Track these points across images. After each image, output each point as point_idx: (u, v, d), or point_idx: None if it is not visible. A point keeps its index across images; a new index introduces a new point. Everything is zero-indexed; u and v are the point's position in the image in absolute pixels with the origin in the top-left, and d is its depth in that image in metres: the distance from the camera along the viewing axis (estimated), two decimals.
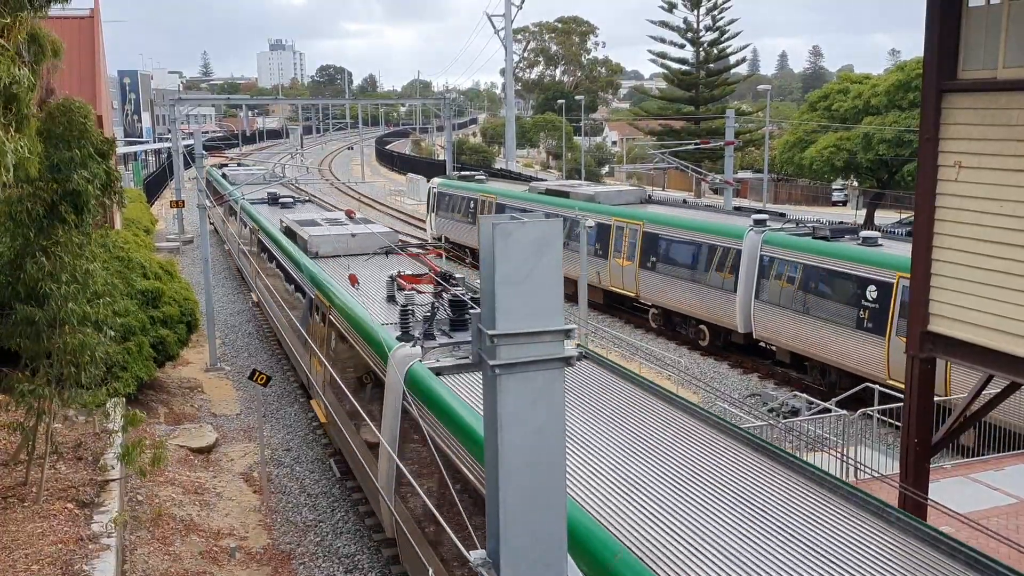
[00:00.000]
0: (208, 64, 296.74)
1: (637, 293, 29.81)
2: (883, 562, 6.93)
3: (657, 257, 28.66)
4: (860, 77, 55.68)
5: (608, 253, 31.07)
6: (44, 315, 12.74)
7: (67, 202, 12.71)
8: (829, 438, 15.17)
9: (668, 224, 28.51)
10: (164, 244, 45.82)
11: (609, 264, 31.00)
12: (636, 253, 29.61)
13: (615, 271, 30.72)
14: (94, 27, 34.92)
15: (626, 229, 30.26)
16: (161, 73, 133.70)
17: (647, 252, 29.13)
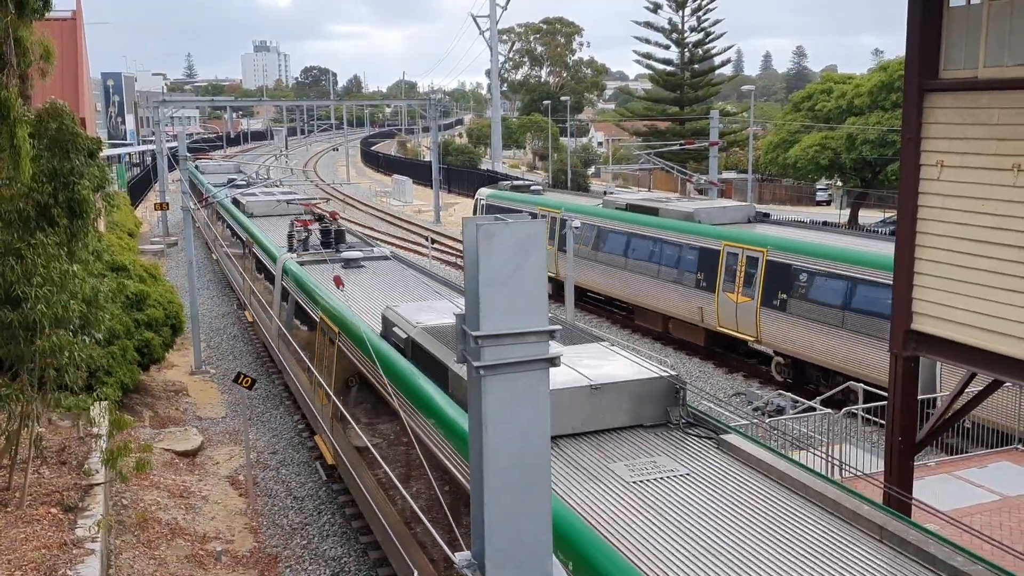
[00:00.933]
0: (192, 66, 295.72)
1: (758, 337, 23.92)
2: None
3: (789, 294, 22.56)
4: (843, 77, 56.03)
5: (715, 286, 25.01)
6: (18, 318, 12.62)
7: (61, 206, 12.64)
8: (814, 436, 15.23)
9: (806, 253, 22.41)
10: (148, 247, 45.59)
11: (717, 300, 24.98)
12: (757, 288, 23.55)
13: (726, 309, 24.67)
14: (76, 29, 34.72)
15: (742, 256, 24.15)
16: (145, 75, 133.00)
17: (773, 287, 23.06)
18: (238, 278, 31.19)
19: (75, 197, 12.63)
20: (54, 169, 12.64)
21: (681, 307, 26.70)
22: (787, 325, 22.42)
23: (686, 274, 26.17)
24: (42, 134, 12.69)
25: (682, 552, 7.38)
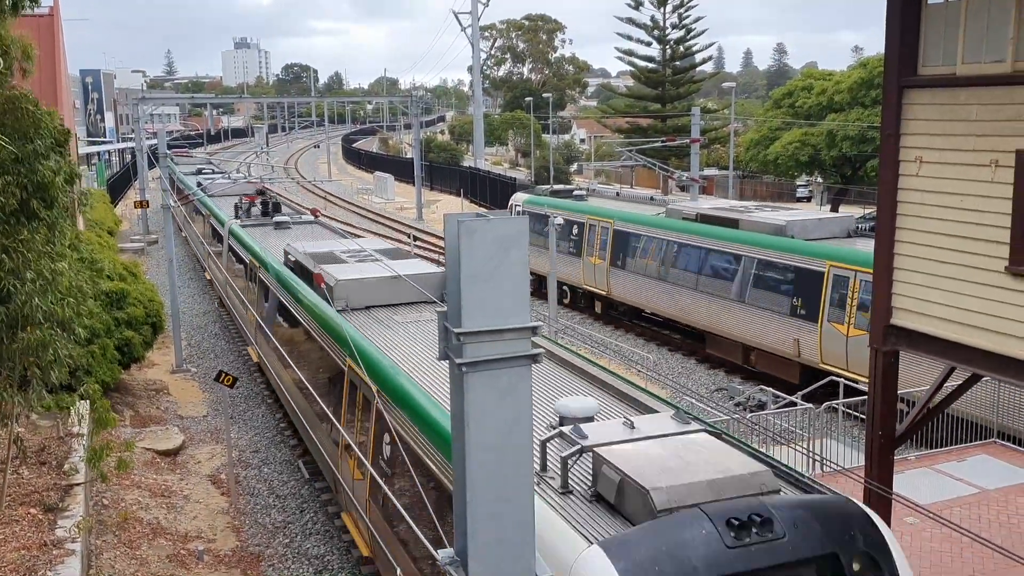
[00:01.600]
0: (172, 63, 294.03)
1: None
2: None
3: None
4: (824, 74, 56.34)
5: (818, 314, 20.86)
6: (5, 313, 12.49)
7: (38, 198, 12.49)
8: (795, 431, 15.32)
9: None
10: (128, 245, 45.27)
11: (820, 331, 20.82)
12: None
13: (832, 342, 20.49)
14: (54, 26, 34.42)
15: (854, 281, 19.92)
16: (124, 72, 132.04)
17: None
18: (199, 246, 37.92)
19: (41, 182, 12.45)
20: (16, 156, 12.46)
21: (770, 337, 22.48)
22: (919, 367, 15.16)
23: (777, 299, 22.19)
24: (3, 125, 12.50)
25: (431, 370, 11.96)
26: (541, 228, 31.36)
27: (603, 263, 30.03)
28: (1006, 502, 13.36)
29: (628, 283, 28.77)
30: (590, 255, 30.82)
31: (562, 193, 35.14)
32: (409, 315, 15.18)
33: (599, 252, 30.25)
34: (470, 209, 57.29)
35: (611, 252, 29.62)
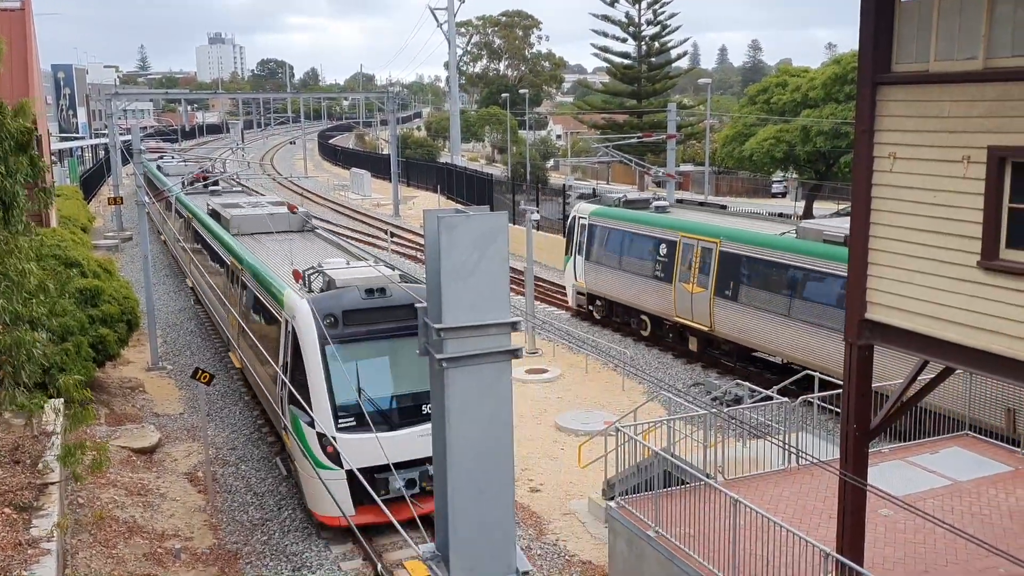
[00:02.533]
0: (146, 58, 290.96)
1: None
2: None
3: None
4: (798, 71, 56.68)
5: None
6: None
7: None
8: (771, 425, 15.45)
9: None
10: (102, 242, 44.82)
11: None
12: None
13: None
14: (25, 20, 33.99)
15: None
16: (97, 67, 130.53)
17: None
18: (157, 217, 44.01)
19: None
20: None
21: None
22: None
23: None
24: None
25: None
26: (615, 245, 27.91)
27: (705, 292, 24.58)
28: (978, 493, 13.54)
29: (742, 319, 23.50)
30: (685, 281, 25.36)
31: (638, 203, 29.76)
32: (273, 237, 24.67)
33: (698, 278, 24.86)
34: (447, 205, 57.18)
35: (716, 279, 24.18)
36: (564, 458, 18.92)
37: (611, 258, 28.32)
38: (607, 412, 21.33)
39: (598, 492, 16.30)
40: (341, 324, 15.66)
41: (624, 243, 27.84)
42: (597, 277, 29.13)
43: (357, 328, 15.75)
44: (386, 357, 15.85)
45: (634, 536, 12.82)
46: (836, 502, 10.51)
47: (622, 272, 27.79)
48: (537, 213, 29.04)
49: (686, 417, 15.21)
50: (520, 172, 73.54)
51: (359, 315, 15.81)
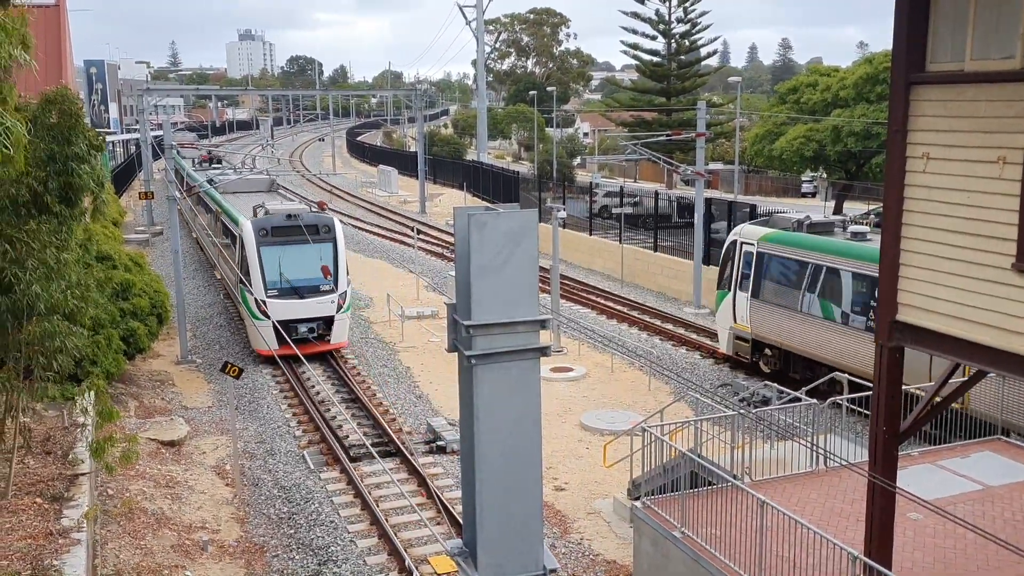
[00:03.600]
0: (176, 54, 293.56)
1: None
2: None
3: None
4: (829, 70, 56.20)
5: None
6: (8, 303, 12.54)
7: (52, 193, 12.53)
8: (799, 427, 15.34)
9: None
10: (133, 236, 45.31)
11: None
12: None
13: None
14: (60, 16, 34.42)
15: None
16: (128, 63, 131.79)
17: None
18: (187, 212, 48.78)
19: (72, 183, 12.51)
20: (52, 153, 12.50)
21: None
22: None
23: None
24: (41, 121, 12.56)
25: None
26: (798, 280, 22.35)
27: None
28: (1010, 499, 13.37)
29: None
30: None
31: (820, 227, 23.52)
32: (248, 194, 33.81)
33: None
34: (473, 203, 57.28)
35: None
36: (589, 457, 18.90)
37: (791, 297, 22.54)
38: (633, 412, 21.27)
39: (623, 492, 16.27)
40: (269, 235, 25.69)
41: (812, 279, 21.95)
42: (769, 320, 23.23)
43: (278, 237, 25.69)
44: (296, 255, 25.80)
45: (660, 536, 12.78)
46: (864, 505, 10.42)
47: (807, 316, 21.98)
48: (563, 211, 28.99)
49: (713, 418, 15.13)
50: (547, 170, 73.48)
51: (280, 230, 25.82)
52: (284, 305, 24.88)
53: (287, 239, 25.65)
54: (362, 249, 44.74)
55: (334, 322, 25.57)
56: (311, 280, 25.72)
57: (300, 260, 25.73)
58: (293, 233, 25.73)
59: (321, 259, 25.94)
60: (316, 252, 25.94)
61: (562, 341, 27.24)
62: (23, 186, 12.36)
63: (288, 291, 25.35)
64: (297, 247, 25.69)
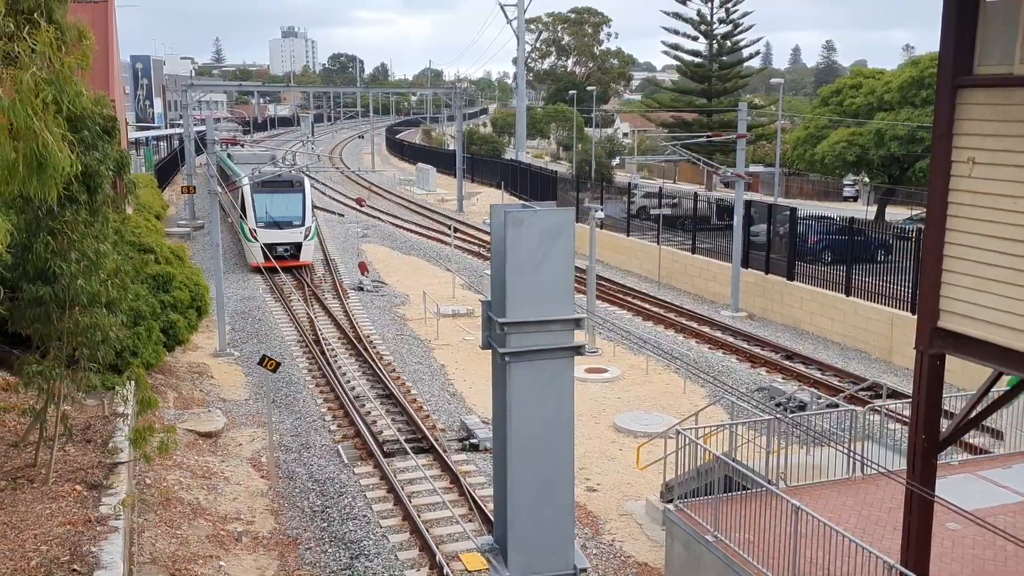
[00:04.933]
0: (220, 51, 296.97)
1: None
2: None
3: None
4: (873, 72, 55.40)
5: None
6: (52, 293, 12.78)
7: (79, 182, 12.72)
8: (836, 433, 15.16)
9: None
10: (175, 229, 45.94)
11: None
12: None
13: None
14: (108, 12, 34.98)
15: None
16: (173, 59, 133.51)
17: None
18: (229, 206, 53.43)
19: (85, 170, 12.67)
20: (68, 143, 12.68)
21: None
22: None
23: None
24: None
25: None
26: None
27: None
28: None
29: None
30: None
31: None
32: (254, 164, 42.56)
33: None
34: (510, 202, 57.27)
35: None
36: (622, 459, 18.83)
37: None
38: (667, 414, 21.16)
39: (656, 494, 16.18)
40: (260, 186, 37.20)
41: None
42: None
43: (266, 188, 37.40)
44: (277, 200, 37.39)
45: (692, 540, 12.70)
46: (902, 514, 10.28)
47: None
48: (601, 211, 28.89)
49: (749, 422, 15.00)
50: (585, 170, 73.31)
51: (267, 183, 37.47)
52: (268, 233, 36.33)
53: (272, 190, 37.59)
54: (399, 246, 44.95)
55: (302, 246, 37.24)
56: (286, 217, 37.34)
57: (280, 204, 37.49)
58: (276, 186, 37.73)
59: (293, 204, 37.81)
60: (290, 199, 37.87)
61: (597, 342, 27.16)
62: None
63: (271, 224, 36.90)
64: (278, 195, 37.60)
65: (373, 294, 34.26)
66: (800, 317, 29.96)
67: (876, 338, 26.83)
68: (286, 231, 36.94)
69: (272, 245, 33.93)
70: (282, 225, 36.96)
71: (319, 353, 25.68)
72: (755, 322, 30.89)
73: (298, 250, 36.91)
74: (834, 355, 26.67)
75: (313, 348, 26.32)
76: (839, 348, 27.57)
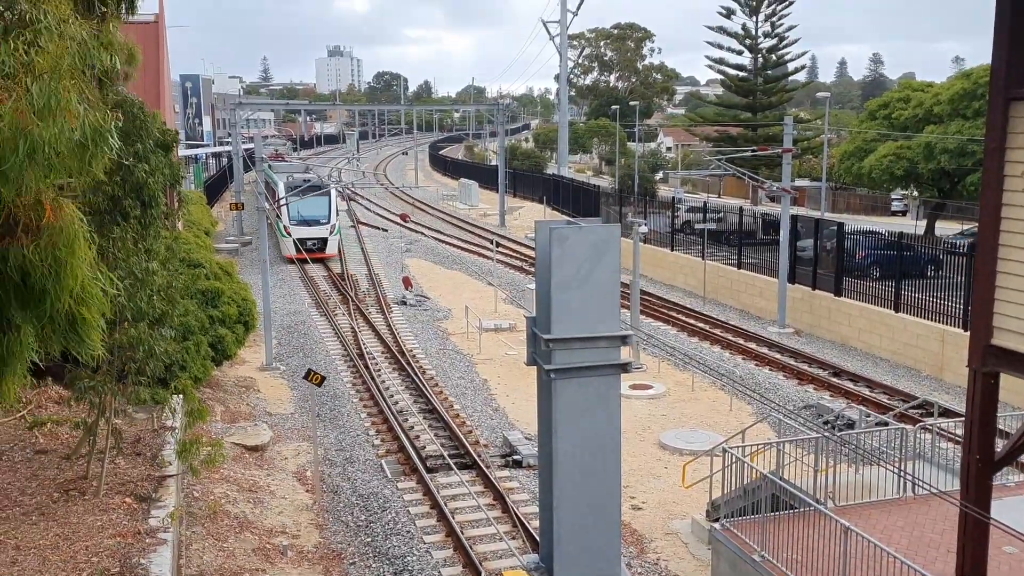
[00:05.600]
0: (268, 69, 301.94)
1: None
2: None
3: None
4: (922, 85, 54.57)
5: None
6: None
7: (131, 197, 12.93)
8: (886, 452, 14.87)
9: None
10: (223, 245, 46.63)
11: None
12: None
13: None
14: (159, 32, 35.73)
15: None
16: (222, 78, 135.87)
17: None
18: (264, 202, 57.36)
19: (138, 182, 12.86)
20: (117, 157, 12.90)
21: None
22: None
23: None
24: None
25: None
26: None
27: None
28: None
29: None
30: None
31: None
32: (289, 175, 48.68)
33: None
34: (552, 216, 57.29)
35: None
36: (667, 477, 18.65)
37: None
38: (713, 432, 20.93)
39: (702, 513, 16.00)
40: (293, 189, 41.75)
41: None
42: None
43: (298, 192, 41.31)
44: (307, 202, 41.76)
45: (739, 559, 12.53)
46: (955, 536, 10.03)
47: None
48: (645, 225, 28.77)
49: (796, 440, 14.78)
50: (628, 184, 73.09)
51: (301, 188, 41.98)
52: (299, 229, 42.14)
53: (303, 192, 41.96)
54: (441, 261, 45.14)
55: (327, 241, 43.92)
56: (314, 216, 43.66)
57: (309, 206, 42.81)
58: (306, 190, 41.92)
59: (320, 205, 43.60)
60: (318, 202, 43.18)
61: (642, 358, 27.00)
62: (101, 194, 12.79)
63: (301, 222, 43.23)
64: (308, 198, 41.79)
65: (416, 308, 34.43)
66: (848, 333, 29.51)
67: (926, 355, 26.33)
68: (314, 228, 43.56)
69: (303, 240, 40.78)
70: (310, 223, 43.46)
71: (363, 367, 25.85)
72: (802, 338, 30.49)
73: (324, 244, 43.97)
74: (883, 372, 26.22)
75: (357, 362, 26.50)
76: (888, 365, 27.09)
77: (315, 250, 42.45)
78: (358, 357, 27.00)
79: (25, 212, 7.11)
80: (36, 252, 7.13)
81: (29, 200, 7.01)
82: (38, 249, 7.14)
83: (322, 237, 43.75)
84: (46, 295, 7.31)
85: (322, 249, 43.47)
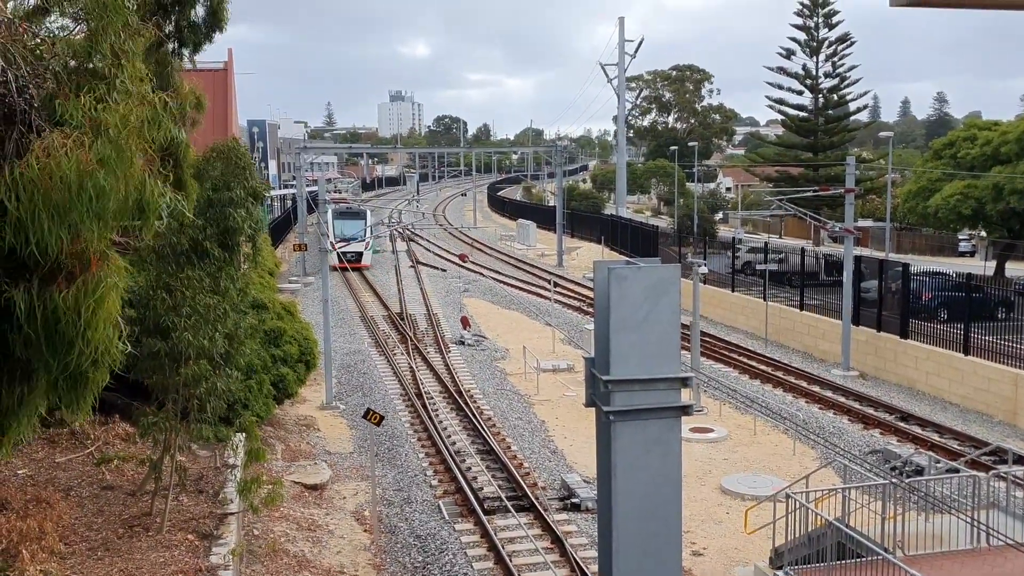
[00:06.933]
0: (331, 114, 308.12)
1: None
2: None
3: None
4: (989, 123, 53.49)
5: None
6: (167, 348, 13.31)
7: (212, 240, 13.29)
8: (957, 500, 14.38)
9: None
10: (286, 285, 47.43)
11: None
12: None
13: None
14: (227, 79, 36.83)
15: None
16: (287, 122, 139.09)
17: None
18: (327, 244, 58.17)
19: (229, 226, 13.21)
20: (210, 200, 13.30)
21: None
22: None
23: None
24: (206, 171, 13.42)
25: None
26: None
27: None
28: None
29: None
30: None
31: None
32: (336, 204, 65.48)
33: None
34: (610, 256, 57.17)
35: None
36: (729, 522, 18.27)
37: None
38: (776, 477, 20.49)
39: (765, 560, 15.60)
40: (338, 214, 57.71)
41: None
42: None
43: (340, 216, 57.86)
44: (347, 223, 56.75)
45: None
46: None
47: None
48: (704, 266, 28.52)
49: (862, 486, 14.38)
50: (687, 224, 72.71)
51: (340, 212, 59.36)
52: (341, 245, 47.52)
53: (344, 217, 56.80)
54: (499, 301, 45.26)
55: (362, 254, 54.97)
56: (353, 234, 53.14)
57: (349, 226, 55.25)
58: (347, 215, 57.60)
59: (358, 226, 54.64)
60: (356, 223, 55.73)
61: (702, 400, 26.63)
62: (184, 236, 13.14)
63: (343, 240, 50.28)
64: (348, 220, 56.42)
65: (474, 348, 34.50)
66: (915, 377, 28.75)
67: (998, 400, 25.50)
68: (352, 244, 52.87)
69: (344, 253, 49.42)
70: (349, 240, 52.47)
71: (421, 407, 25.93)
72: (867, 381, 29.79)
73: (359, 257, 55.07)
74: (952, 417, 25.45)
75: (415, 401, 26.60)
76: (957, 410, 26.30)
77: (353, 261, 53.31)
78: (416, 397, 27.10)
79: (70, 259, 7.11)
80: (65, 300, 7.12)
81: (79, 247, 7.02)
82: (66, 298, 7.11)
83: (358, 251, 54.77)
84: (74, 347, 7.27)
85: (358, 260, 54.78)
